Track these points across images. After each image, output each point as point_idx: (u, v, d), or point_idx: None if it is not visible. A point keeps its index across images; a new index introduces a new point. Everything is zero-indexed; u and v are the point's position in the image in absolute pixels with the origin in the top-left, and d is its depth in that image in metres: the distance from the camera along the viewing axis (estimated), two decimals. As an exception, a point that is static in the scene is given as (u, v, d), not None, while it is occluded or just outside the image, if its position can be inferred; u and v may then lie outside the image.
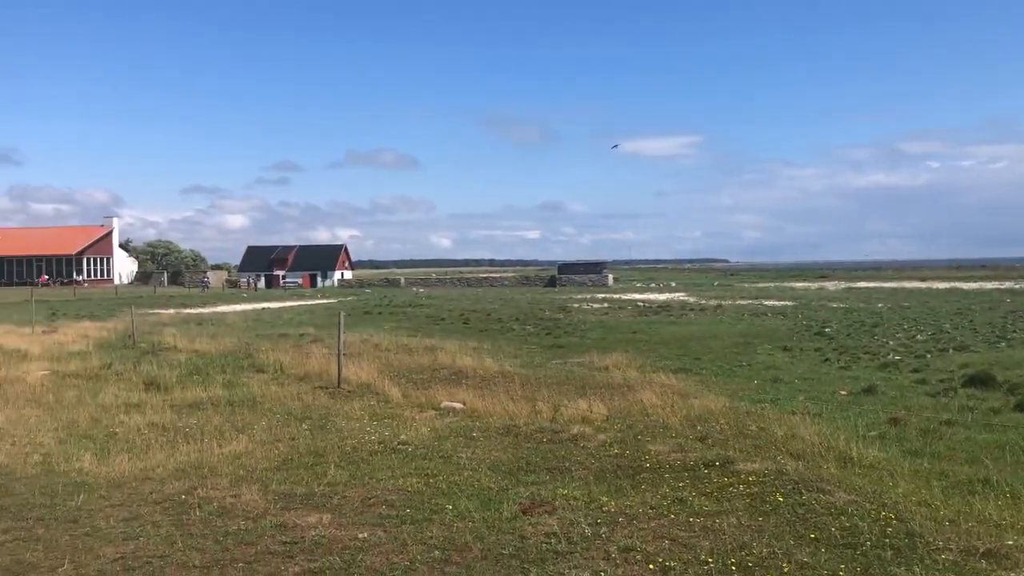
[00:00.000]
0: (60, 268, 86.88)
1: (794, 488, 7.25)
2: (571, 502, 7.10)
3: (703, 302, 46.37)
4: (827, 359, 20.20)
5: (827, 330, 27.57)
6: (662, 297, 53.83)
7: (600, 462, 8.71)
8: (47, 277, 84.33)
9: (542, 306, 43.96)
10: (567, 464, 8.64)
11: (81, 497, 7.63)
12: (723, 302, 45.60)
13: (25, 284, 79.29)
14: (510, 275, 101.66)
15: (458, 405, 12.50)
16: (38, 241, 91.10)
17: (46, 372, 17.20)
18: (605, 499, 7.17)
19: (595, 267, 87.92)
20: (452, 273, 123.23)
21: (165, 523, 6.76)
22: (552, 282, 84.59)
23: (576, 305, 44.84)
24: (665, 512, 6.78)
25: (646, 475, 8.08)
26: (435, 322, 35.02)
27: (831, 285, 71.41)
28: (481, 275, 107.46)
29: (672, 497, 7.21)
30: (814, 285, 72.75)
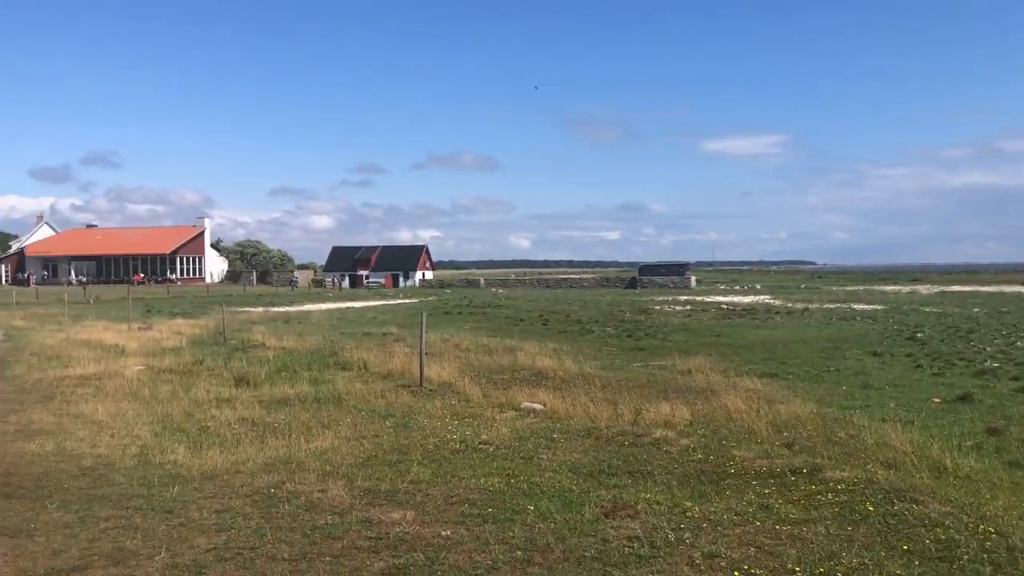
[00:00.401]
0: (155, 267, 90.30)
1: (885, 497, 7.03)
2: (654, 506, 7.03)
3: (789, 305, 45.37)
4: (919, 365, 19.52)
5: (919, 335, 26.63)
6: (746, 300, 52.84)
7: (683, 467, 8.61)
8: (142, 275, 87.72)
9: (622, 308, 43.66)
10: (649, 468, 8.56)
11: (176, 488, 7.92)
12: (810, 305, 44.50)
13: (122, 282, 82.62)
14: (589, 276, 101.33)
15: (538, 406, 12.52)
16: (134, 240, 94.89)
17: (142, 367, 17.89)
18: (689, 504, 7.08)
19: (677, 268, 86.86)
20: (531, 274, 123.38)
21: (255, 516, 6.96)
22: (632, 283, 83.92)
23: (657, 307, 44.40)
24: (750, 519, 6.66)
25: (731, 481, 7.95)
26: (514, 323, 35.11)
27: (923, 288, 68.98)
28: (560, 276, 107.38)
29: (758, 504, 7.08)
30: (905, 288, 70.40)
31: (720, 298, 55.57)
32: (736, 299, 53.96)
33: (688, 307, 44.57)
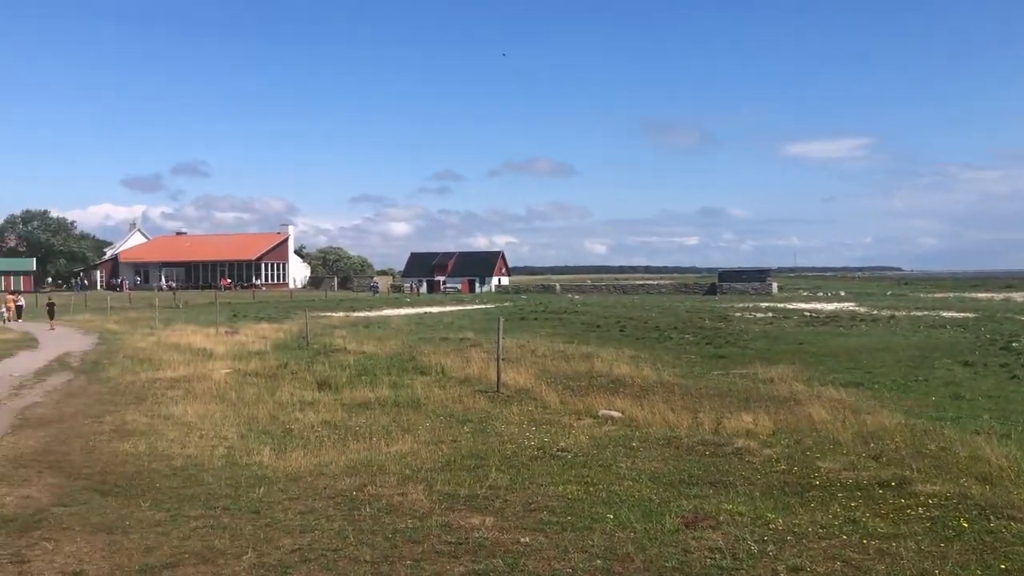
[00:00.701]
0: (241, 272, 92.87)
1: (980, 513, 6.76)
2: (736, 517, 6.91)
3: (875, 312, 44.05)
4: (1015, 376, 18.73)
5: (1015, 344, 25.54)
6: (830, 307, 51.52)
7: (766, 477, 8.44)
8: (229, 281, 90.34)
9: (702, 314, 43.07)
10: (731, 478, 8.42)
11: (262, 489, 8.12)
12: (896, 313, 43.14)
13: (210, 287, 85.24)
14: (667, 282, 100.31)
15: (616, 414, 12.44)
16: (221, 247, 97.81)
17: (229, 370, 18.41)
18: (772, 516, 6.93)
19: (758, 275, 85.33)
20: (607, 280, 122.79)
21: (338, 518, 7.08)
22: (712, 290, 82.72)
23: (738, 314, 43.64)
24: (836, 532, 6.49)
25: (815, 493, 7.76)
26: (591, 329, 34.99)
27: (1019, 296, 66.15)
28: (637, 282, 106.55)
29: (844, 517, 6.89)
30: (999, 295, 67.63)
31: (802, 305, 54.34)
32: (819, 306, 52.67)
33: (769, 314, 43.71)
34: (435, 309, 52.67)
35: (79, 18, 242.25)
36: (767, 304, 56.57)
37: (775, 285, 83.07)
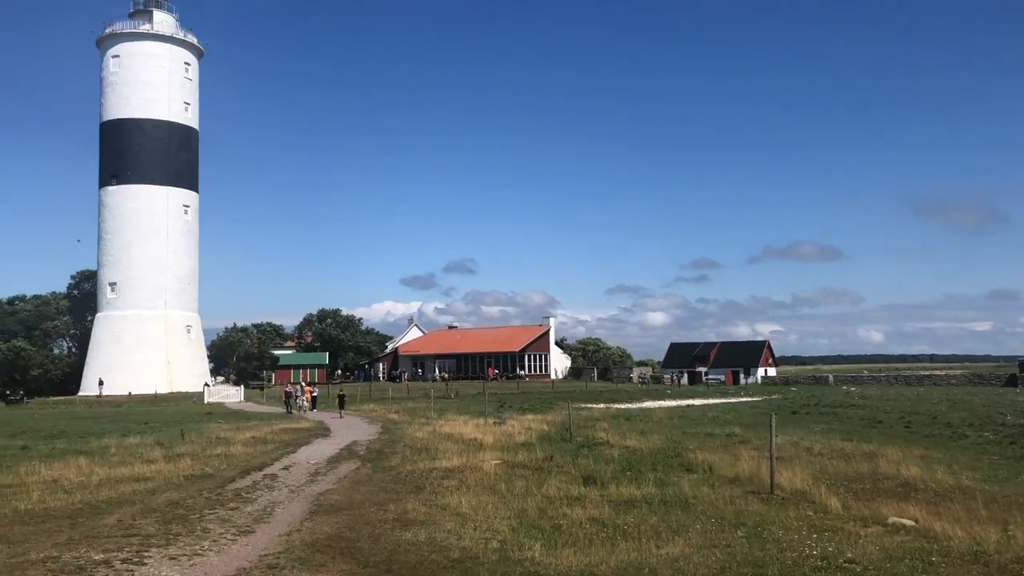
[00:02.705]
0: (506, 363, 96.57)
1: None
2: (1071, 656, 5.93)
3: None
4: None
5: None
6: None
7: (1105, 609, 7.22)
8: (495, 371, 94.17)
9: (1002, 409, 38.49)
10: (1059, 606, 7.30)
11: (535, 587, 8.15)
12: None
13: (478, 377, 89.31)
14: (957, 372, 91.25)
15: (908, 522, 11.31)
16: (488, 340, 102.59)
17: (498, 461, 18.96)
18: (1119, 658, 5.88)
19: (1068, 363, 75.36)
20: (886, 370, 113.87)
21: (611, 623, 6.92)
22: (1012, 381, 74.06)
23: (1045, 409, 38.57)
24: None
25: None
26: (871, 425, 32.41)
27: None
28: (921, 372, 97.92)
29: None
30: None
31: None
32: None
33: (1086, 409, 38.20)
34: (698, 401, 51.40)
35: (354, 153, 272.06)
36: (1083, 397, 49.58)
37: (1092, 375, 72.85)
